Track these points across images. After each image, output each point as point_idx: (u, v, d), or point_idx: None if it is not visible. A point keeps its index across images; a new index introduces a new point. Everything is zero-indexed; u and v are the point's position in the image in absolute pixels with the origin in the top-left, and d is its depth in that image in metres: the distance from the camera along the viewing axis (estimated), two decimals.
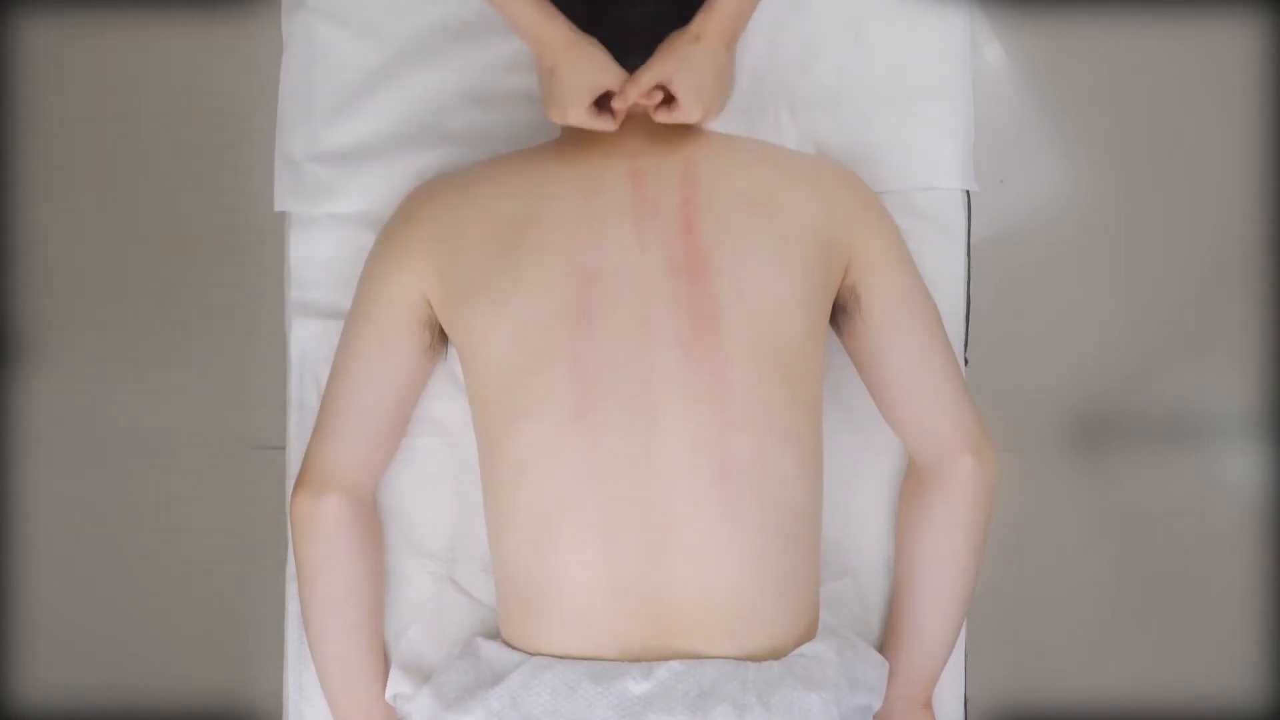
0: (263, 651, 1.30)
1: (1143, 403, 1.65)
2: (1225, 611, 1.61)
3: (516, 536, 1.05)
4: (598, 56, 1.05)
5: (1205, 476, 1.65)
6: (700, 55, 1.03)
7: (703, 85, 1.03)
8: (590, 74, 1.03)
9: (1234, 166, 1.62)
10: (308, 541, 1.12)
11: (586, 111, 1.04)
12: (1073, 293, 1.65)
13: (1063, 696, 1.60)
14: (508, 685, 1.01)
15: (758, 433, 1.03)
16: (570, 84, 1.03)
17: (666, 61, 1.03)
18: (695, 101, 1.03)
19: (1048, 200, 1.65)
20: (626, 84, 1.04)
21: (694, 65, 1.03)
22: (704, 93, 1.04)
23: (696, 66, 1.03)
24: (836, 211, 1.11)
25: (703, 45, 1.03)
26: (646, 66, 1.04)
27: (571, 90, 1.03)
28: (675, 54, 1.03)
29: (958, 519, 1.12)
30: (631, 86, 1.03)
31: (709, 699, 0.98)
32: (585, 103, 1.03)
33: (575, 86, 1.03)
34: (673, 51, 1.04)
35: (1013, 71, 1.64)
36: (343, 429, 1.12)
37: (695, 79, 1.03)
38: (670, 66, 1.03)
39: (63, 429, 1.66)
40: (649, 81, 1.02)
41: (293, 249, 1.26)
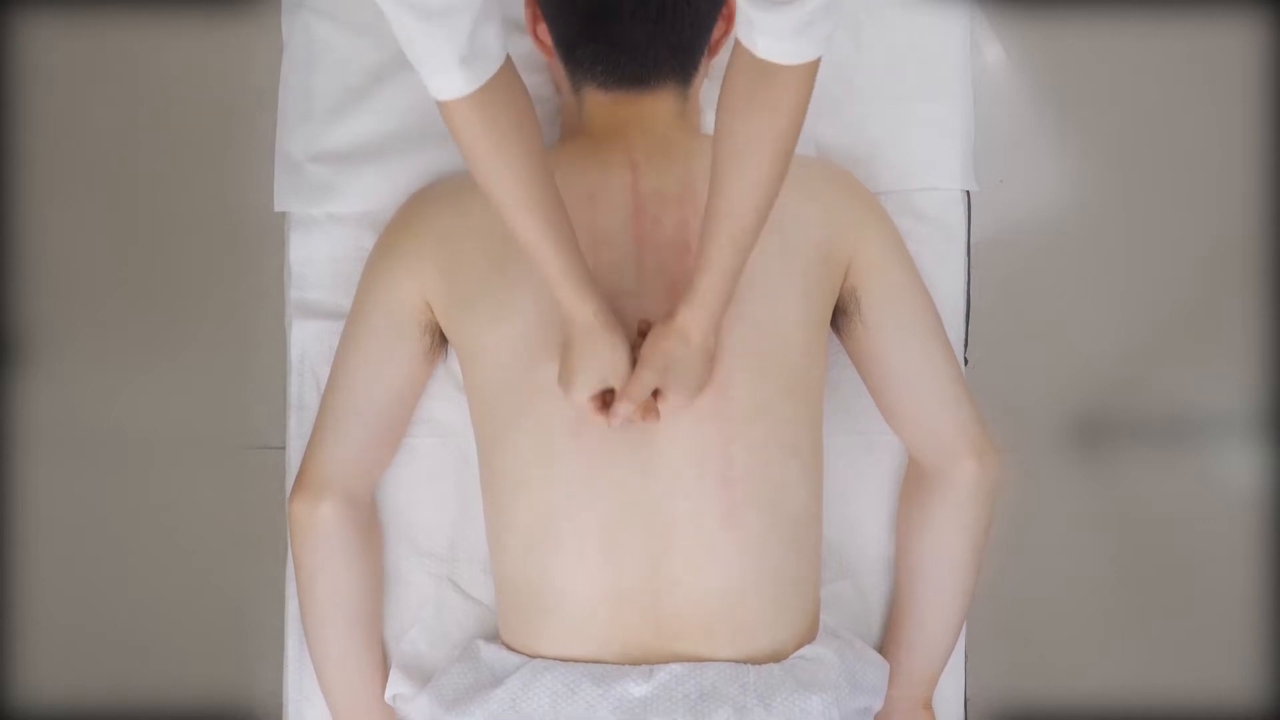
0: (263, 652, 1.30)
1: (1143, 403, 1.65)
2: (1225, 611, 1.61)
3: (516, 541, 1.05)
4: (612, 353, 0.99)
5: (1205, 476, 1.64)
6: (691, 354, 0.99)
7: (691, 381, 0.99)
8: (599, 370, 0.99)
9: (1234, 166, 1.62)
10: (306, 545, 1.12)
11: (590, 407, 1.00)
12: (1073, 293, 1.65)
13: (1063, 696, 1.60)
14: (508, 687, 1.01)
15: (759, 443, 1.03)
16: (579, 373, 0.99)
17: (654, 367, 0.98)
18: (686, 397, 1.00)
19: (1048, 200, 1.65)
20: (621, 396, 0.99)
21: (684, 366, 0.99)
22: (692, 386, 1.00)
23: (687, 365, 0.99)
24: (835, 215, 1.11)
25: (692, 344, 0.98)
26: (638, 374, 0.98)
27: (579, 379, 0.99)
28: (664, 357, 0.98)
29: (959, 520, 1.13)
30: (626, 399, 0.98)
31: (709, 701, 0.98)
32: (587, 397, 0.99)
33: (583, 378, 0.99)
34: (660, 353, 0.98)
35: (1013, 71, 1.64)
36: (341, 432, 1.12)
37: (686, 378, 0.99)
38: (659, 371, 0.98)
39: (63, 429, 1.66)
40: (642, 393, 0.98)
41: (293, 249, 1.26)
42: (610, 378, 0.99)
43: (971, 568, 1.14)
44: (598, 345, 0.98)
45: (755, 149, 0.91)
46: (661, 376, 0.98)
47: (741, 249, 0.95)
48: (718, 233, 0.95)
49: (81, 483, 1.66)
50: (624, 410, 0.98)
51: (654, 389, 0.99)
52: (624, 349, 0.99)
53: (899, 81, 1.25)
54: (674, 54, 1.11)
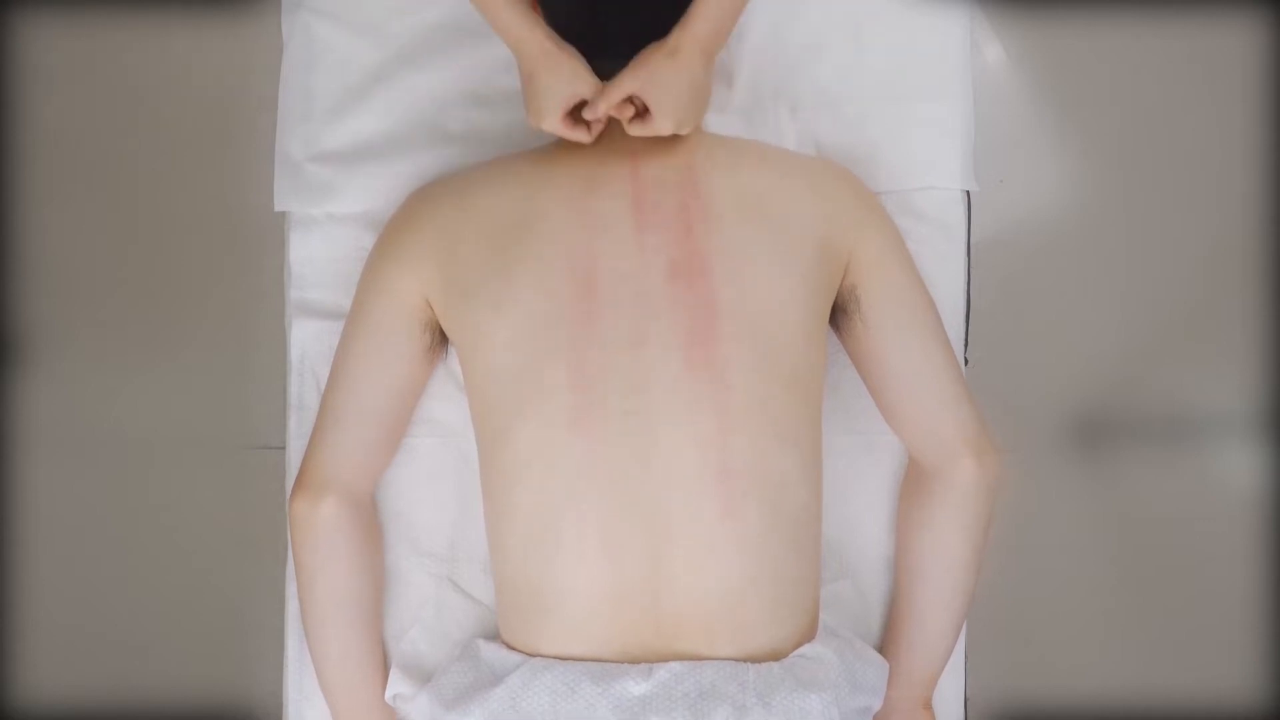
0: (263, 651, 1.30)
1: (1143, 403, 1.65)
2: (1225, 611, 1.61)
3: (516, 539, 1.05)
4: (575, 66, 1.04)
5: (1205, 476, 1.64)
6: (675, 69, 1.02)
7: (677, 99, 1.03)
8: (566, 84, 1.03)
9: (1234, 166, 1.62)
10: (306, 544, 1.12)
11: (561, 121, 1.04)
12: (1073, 293, 1.65)
13: (1063, 696, 1.60)
14: (507, 686, 1.01)
15: (758, 435, 1.03)
16: (546, 93, 1.03)
17: (638, 74, 1.02)
18: (667, 115, 1.03)
19: (1048, 200, 1.65)
20: (598, 95, 1.04)
21: (667, 79, 1.02)
22: (677, 107, 1.03)
23: (670, 80, 1.02)
24: (836, 213, 1.11)
25: (678, 59, 1.02)
26: (618, 78, 1.03)
27: (547, 99, 1.03)
28: (648, 67, 1.03)
29: (958, 519, 1.13)
30: (602, 99, 1.03)
31: (709, 700, 0.98)
32: (559, 112, 1.03)
33: (551, 96, 1.03)
34: (645, 65, 1.03)
35: (1013, 71, 1.64)
36: (341, 431, 1.12)
37: (669, 93, 1.02)
38: (642, 80, 1.02)
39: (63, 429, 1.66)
40: (619, 94, 1.02)
41: (293, 249, 1.26)
42: (578, 88, 1.02)
43: (971, 568, 1.14)
44: (557, 62, 1.02)
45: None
46: (642, 85, 1.00)
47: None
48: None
49: (81, 483, 1.66)
50: (601, 105, 1.01)
51: (631, 94, 1.02)
52: (584, 63, 1.03)
53: (899, 81, 1.25)
54: None
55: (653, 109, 1.03)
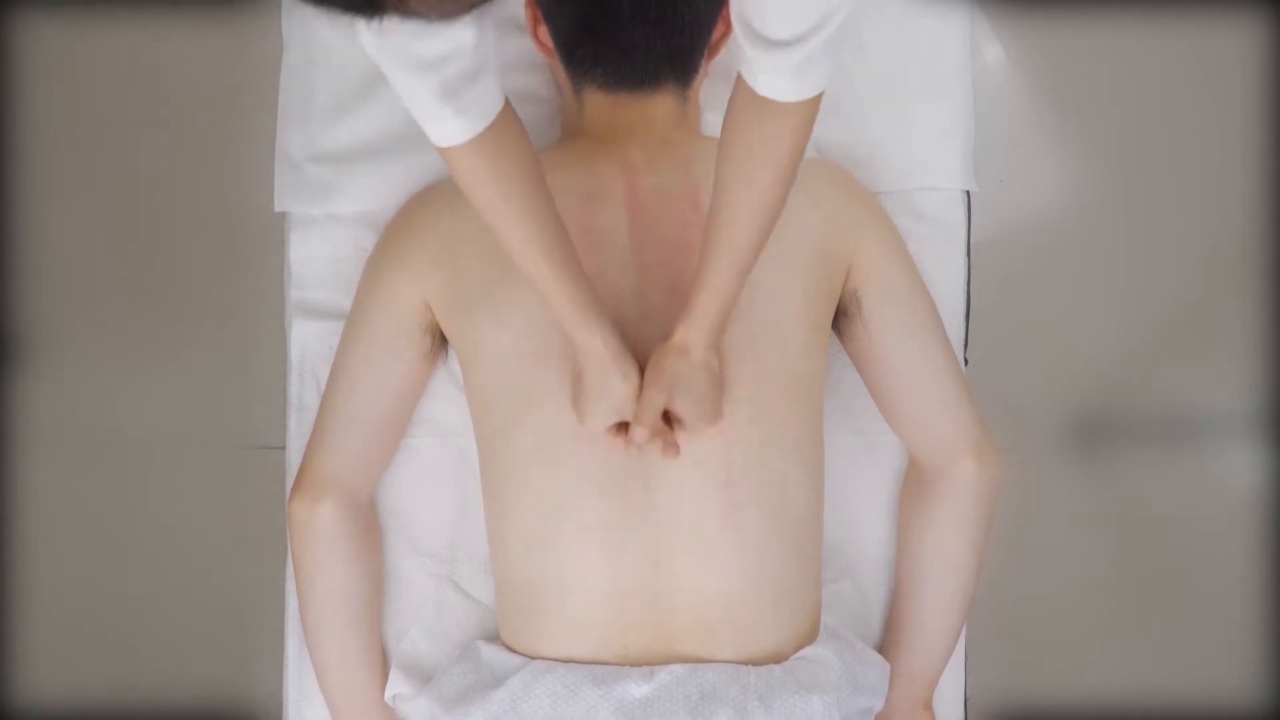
0: (263, 651, 1.30)
1: (1143, 403, 1.65)
2: (1225, 611, 1.61)
3: (517, 540, 1.05)
4: (625, 386, 0.99)
5: (1205, 476, 1.64)
6: (693, 370, 0.99)
7: (701, 401, 0.99)
8: (613, 404, 0.99)
9: (1234, 166, 1.62)
10: (305, 545, 1.12)
11: (608, 435, 1.01)
12: (1073, 293, 1.65)
13: (1063, 696, 1.60)
14: (508, 688, 1.01)
15: (758, 438, 1.03)
16: (593, 406, 1.00)
17: (659, 384, 0.98)
18: (699, 418, 1.00)
19: (1048, 200, 1.65)
20: (634, 421, 0.99)
21: (688, 381, 0.99)
22: (705, 407, 1.00)
23: (692, 382, 0.99)
24: (836, 217, 1.11)
25: (692, 359, 0.99)
26: (644, 396, 0.99)
27: (594, 413, 1.00)
28: (668, 375, 0.98)
29: (959, 520, 1.12)
30: (639, 428, 0.99)
31: (710, 702, 0.98)
32: (602, 429, 1.00)
33: (598, 411, 1.00)
34: (664, 373, 0.99)
35: (1013, 71, 1.64)
36: (341, 433, 1.12)
37: (694, 396, 0.99)
38: (666, 390, 0.98)
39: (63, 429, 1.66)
40: (654, 412, 0.98)
41: (293, 249, 1.26)
42: (624, 409, 0.99)
43: (972, 568, 1.14)
44: (609, 377, 0.98)
45: (756, 177, 0.91)
46: (668, 395, 0.98)
47: (740, 270, 0.96)
48: (716, 253, 0.95)
49: (81, 483, 1.66)
50: (639, 435, 0.98)
51: (663, 409, 0.99)
52: (635, 378, 0.99)
53: (899, 81, 1.25)
54: (674, 55, 1.11)
55: (685, 418, 1.00)
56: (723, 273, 0.95)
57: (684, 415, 0.99)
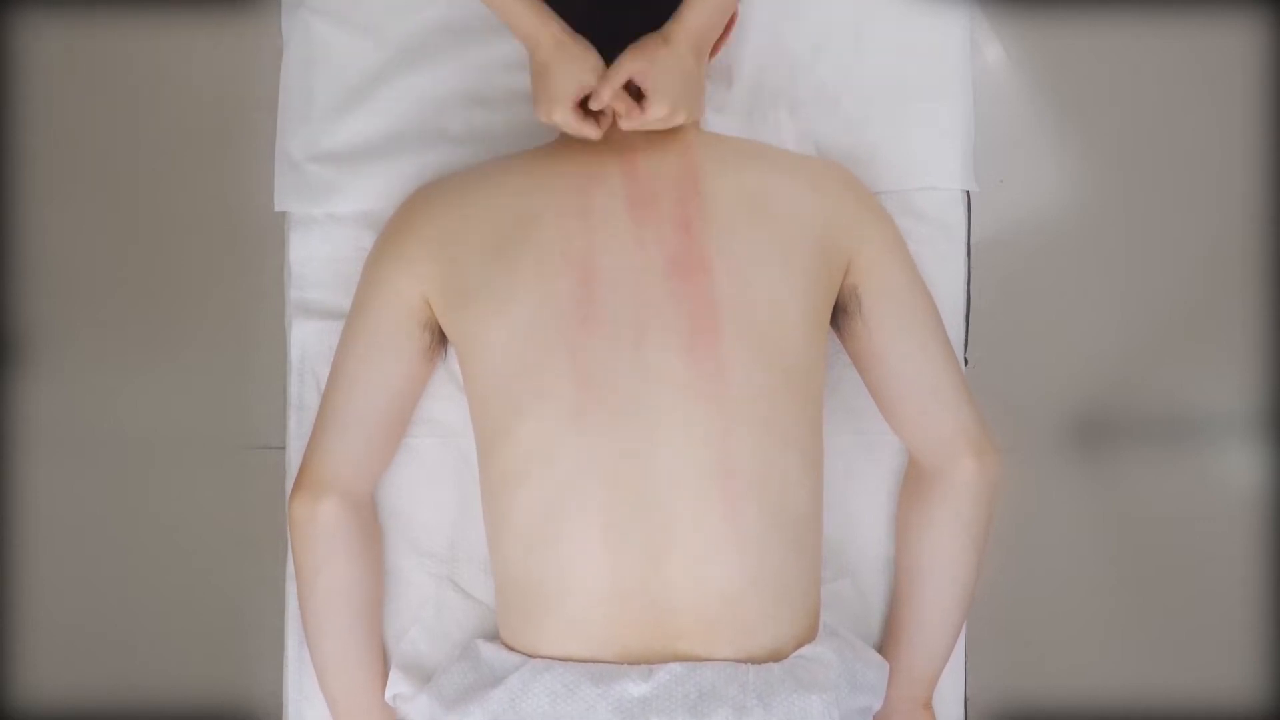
0: (263, 651, 1.30)
1: (1143, 403, 1.65)
2: (1225, 611, 1.61)
3: (515, 538, 1.05)
4: (588, 57, 1.06)
5: (1205, 476, 1.64)
6: (668, 56, 1.05)
7: (671, 84, 1.05)
8: (578, 74, 1.05)
9: (1234, 166, 1.62)
10: (305, 544, 1.12)
11: (572, 113, 1.06)
12: (1073, 293, 1.65)
13: (1063, 696, 1.60)
14: (507, 687, 1.01)
15: (758, 435, 1.03)
16: (558, 83, 1.05)
17: (636, 59, 1.05)
18: (663, 99, 1.05)
19: (1048, 200, 1.65)
20: (600, 82, 1.05)
21: (662, 64, 1.05)
22: (671, 92, 1.05)
23: (664, 66, 1.05)
24: (837, 213, 1.11)
25: (671, 47, 1.06)
26: (617, 63, 1.05)
27: (559, 89, 1.05)
28: (644, 52, 1.05)
29: (959, 519, 1.12)
30: (604, 84, 1.05)
31: (709, 701, 0.98)
32: (570, 102, 1.05)
33: (562, 85, 1.05)
34: (641, 50, 1.05)
35: (1013, 71, 1.64)
36: (341, 432, 1.12)
37: (663, 78, 1.05)
38: (640, 62, 1.05)
39: (63, 429, 1.66)
40: (620, 77, 1.04)
41: (293, 249, 1.26)
42: (588, 77, 1.05)
43: (971, 567, 1.14)
44: (569, 51, 1.05)
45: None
46: (640, 68, 1.04)
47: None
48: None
49: (81, 483, 1.66)
50: (605, 91, 1.03)
51: (629, 76, 1.04)
52: (597, 54, 1.05)
53: (899, 81, 1.25)
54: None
55: (649, 92, 1.05)
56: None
57: (650, 87, 1.04)
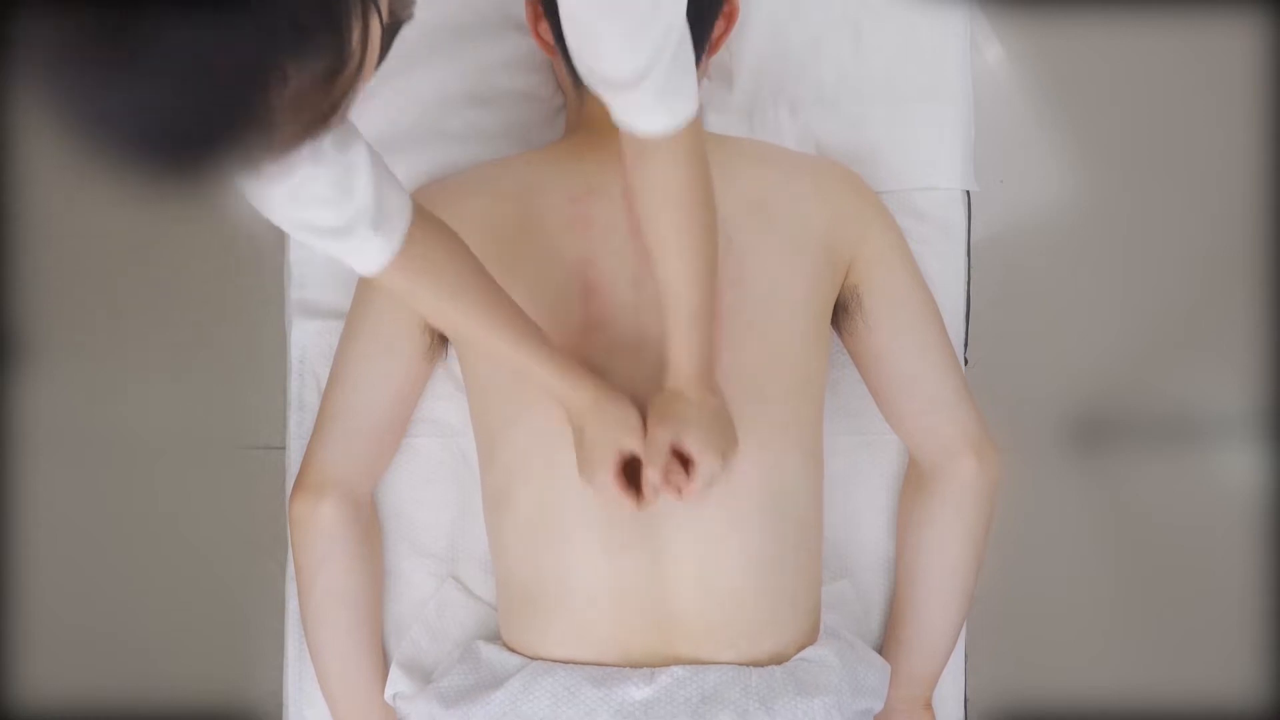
0: (263, 651, 1.30)
1: (1143, 403, 1.65)
2: (1225, 611, 1.61)
3: (516, 539, 1.05)
4: (625, 420, 0.98)
5: (1205, 476, 1.64)
6: (694, 410, 0.97)
7: (709, 436, 0.97)
8: (616, 439, 0.98)
9: (1234, 166, 1.62)
10: (306, 544, 1.12)
11: (614, 480, 0.98)
12: (1073, 293, 1.65)
13: (1063, 696, 1.60)
14: (508, 689, 1.01)
15: (759, 436, 1.03)
16: (597, 446, 0.98)
17: (664, 428, 0.97)
18: (711, 455, 0.96)
19: (1048, 200, 1.65)
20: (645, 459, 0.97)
21: (691, 419, 0.97)
22: (713, 443, 0.97)
23: (694, 419, 0.97)
24: (838, 213, 1.11)
25: (690, 400, 0.97)
26: (651, 435, 0.97)
27: (599, 453, 0.98)
28: (673, 415, 0.97)
29: (959, 519, 1.12)
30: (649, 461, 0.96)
31: (711, 705, 0.98)
32: (611, 468, 0.98)
33: (602, 453, 0.98)
34: (666, 413, 0.97)
35: (1013, 71, 1.64)
36: (341, 432, 1.12)
37: (703, 431, 0.97)
38: (669, 432, 0.97)
39: (63, 429, 1.66)
40: (662, 447, 0.96)
41: (293, 249, 1.26)
42: (627, 440, 0.97)
43: (971, 567, 1.14)
44: (607, 414, 0.98)
45: (669, 220, 0.93)
46: (675, 431, 0.96)
47: (699, 313, 0.95)
48: (671, 309, 0.96)
49: (81, 483, 1.66)
50: (653, 476, 0.96)
51: (670, 446, 0.97)
52: (634, 412, 0.99)
53: (899, 81, 1.25)
54: None
55: (696, 455, 0.96)
56: (684, 324, 0.95)
57: (694, 448, 0.96)
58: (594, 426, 0.98)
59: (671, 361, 0.98)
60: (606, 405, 0.98)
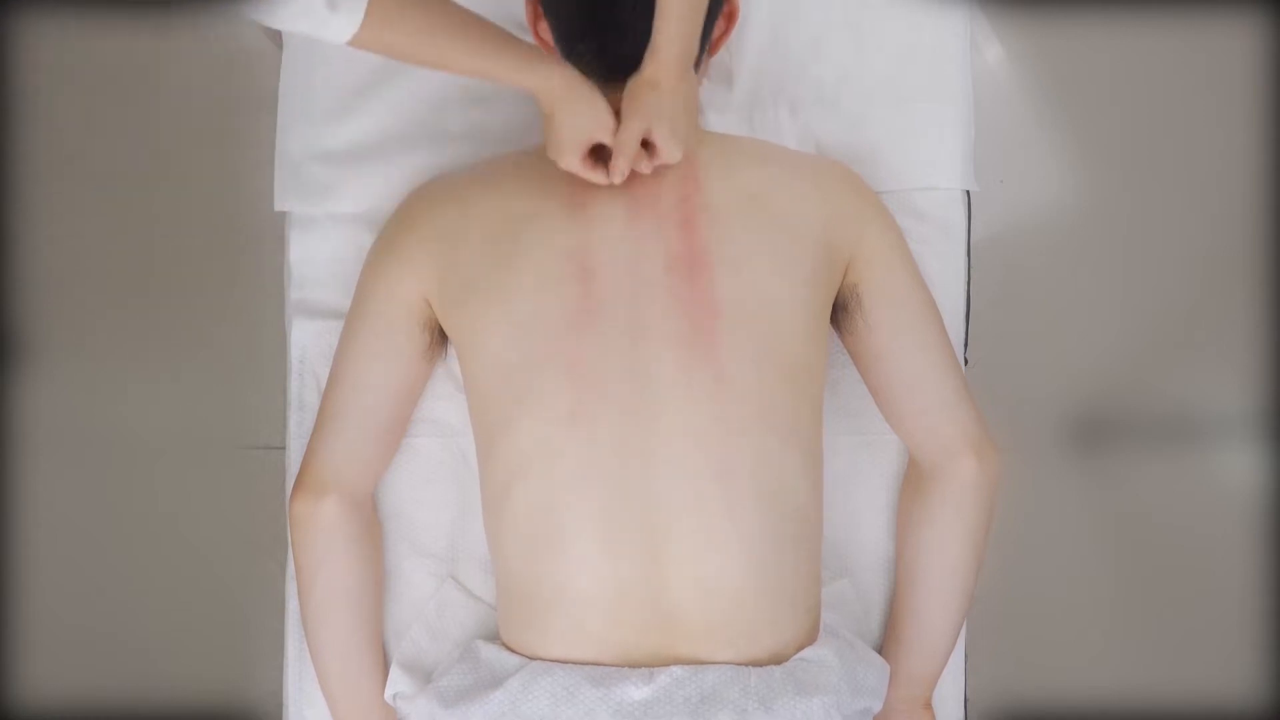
0: (263, 651, 1.30)
1: (1142, 403, 1.65)
2: (1225, 611, 1.61)
3: (515, 538, 1.05)
4: (593, 105, 1.05)
5: (1205, 476, 1.65)
6: (665, 100, 1.05)
7: (675, 126, 1.05)
8: (584, 125, 1.05)
9: (1234, 166, 1.63)
10: (306, 543, 1.12)
11: (581, 162, 1.06)
12: (1073, 293, 1.65)
13: (1063, 696, 1.60)
14: (507, 689, 1.01)
15: (758, 433, 1.03)
16: (565, 133, 1.05)
17: (635, 118, 1.04)
18: (675, 145, 1.05)
19: (1048, 200, 1.65)
20: (615, 150, 1.05)
21: (663, 111, 1.05)
22: (679, 132, 1.05)
23: (665, 111, 1.05)
24: (838, 211, 1.11)
25: (662, 90, 1.05)
26: (624, 125, 1.05)
27: (567, 140, 1.05)
28: (640, 108, 1.04)
29: (959, 518, 1.12)
30: (620, 154, 1.04)
31: (710, 704, 0.98)
32: (578, 153, 1.05)
33: (570, 136, 1.05)
34: (640, 104, 1.05)
35: (1013, 71, 1.64)
36: (342, 431, 1.12)
37: (667, 124, 1.05)
38: (641, 122, 1.04)
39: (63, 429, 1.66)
40: (633, 140, 1.04)
41: (293, 249, 1.26)
42: (597, 130, 1.05)
43: (971, 567, 1.14)
44: (577, 102, 1.04)
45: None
46: (645, 122, 1.04)
47: (694, 7, 1.03)
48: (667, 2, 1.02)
49: (81, 483, 1.66)
50: (621, 164, 1.04)
51: (641, 137, 1.04)
52: (603, 101, 1.05)
53: (899, 81, 1.25)
54: None
55: (660, 144, 1.05)
56: (674, 13, 1.02)
57: (660, 138, 1.04)
58: (564, 115, 1.05)
59: (655, 47, 1.04)
60: (577, 93, 1.05)
